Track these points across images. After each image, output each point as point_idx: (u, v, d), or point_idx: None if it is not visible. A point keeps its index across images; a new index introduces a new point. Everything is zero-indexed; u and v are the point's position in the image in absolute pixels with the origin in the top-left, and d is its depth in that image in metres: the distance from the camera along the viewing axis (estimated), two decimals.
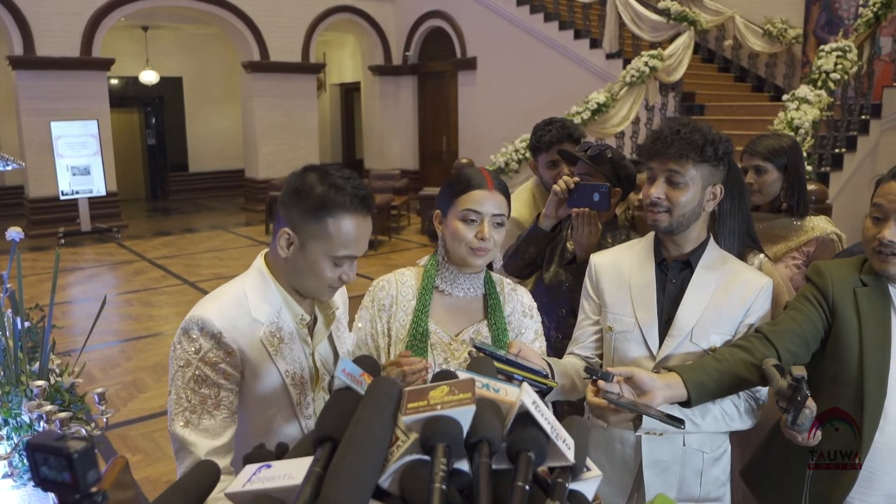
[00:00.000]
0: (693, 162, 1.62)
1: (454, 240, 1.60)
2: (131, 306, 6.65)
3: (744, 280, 1.70)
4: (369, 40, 12.82)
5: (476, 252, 1.59)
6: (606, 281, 1.82)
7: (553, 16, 9.57)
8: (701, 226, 1.72)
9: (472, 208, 1.58)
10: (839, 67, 5.67)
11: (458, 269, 1.66)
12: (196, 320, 1.40)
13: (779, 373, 1.42)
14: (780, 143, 2.38)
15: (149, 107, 14.32)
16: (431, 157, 12.60)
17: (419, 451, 0.69)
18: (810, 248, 2.37)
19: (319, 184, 1.38)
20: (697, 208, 1.66)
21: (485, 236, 1.57)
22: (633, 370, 1.48)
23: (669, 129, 1.65)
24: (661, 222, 1.67)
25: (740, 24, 8.81)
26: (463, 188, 1.60)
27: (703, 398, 1.53)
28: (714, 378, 1.53)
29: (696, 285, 1.69)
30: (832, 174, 5.99)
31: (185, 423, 1.36)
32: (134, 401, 4.44)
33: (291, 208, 1.40)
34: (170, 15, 11.67)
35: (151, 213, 12.80)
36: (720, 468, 1.76)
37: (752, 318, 1.69)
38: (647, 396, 1.46)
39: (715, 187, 1.68)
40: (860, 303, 1.66)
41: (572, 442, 0.77)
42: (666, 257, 1.75)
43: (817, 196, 4.11)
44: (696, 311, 1.68)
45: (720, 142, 1.63)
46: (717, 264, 1.72)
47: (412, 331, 1.62)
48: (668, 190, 1.64)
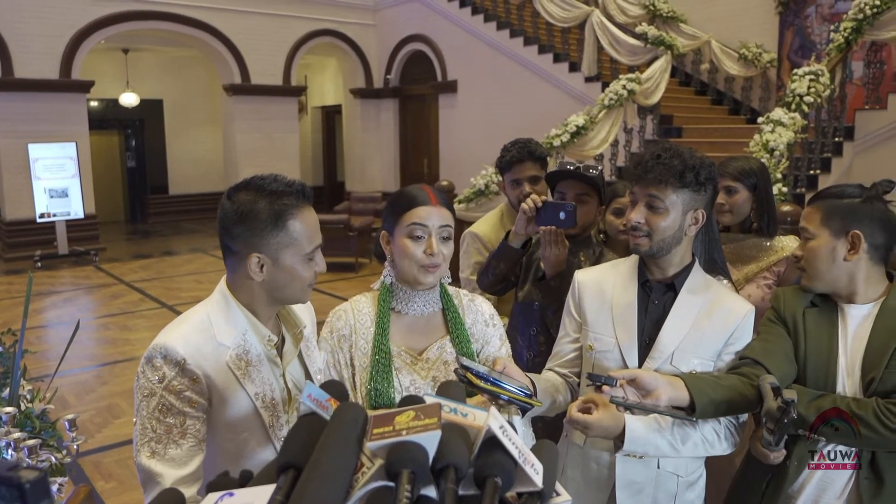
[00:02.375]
0: (673, 187, 1.62)
1: (403, 258, 1.60)
2: (108, 330, 6.56)
3: (727, 306, 1.70)
4: (351, 63, 12.89)
5: (428, 269, 1.59)
6: (589, 299, 1.82)
7: (533, 39, 9.68)
8: (684, 249, 1.72)
9: (418, 223, 1.57)
10: (812, 91, 5.77)
11: (410, 287, 1.66)
12: (159, 348, 1.37)
13: (773, 393, 1.44)
14: (749, 165, 2.42)
15: (129, 129, 14.26)
16: (412, 179, 12.62)
17: (384, 477, 0.68)
18: (780, 268, 2.40)
19: (259, 199, 1.38)
20: (678, 233, 1.66)
21: (433, 251, 1.57)
22: (635, 372, 1.51)
23: (650, 154, 1.66)
24: (641, 246, 1.68)
25: (716, 49, 8.96)
26: (407, 205, 1.59)
27: (707, 407, 1.53)
28: (717, 391, 1.54)
29: (679, 309, 1.70)
30: (807, 195, 6.07)
31: (150, 453, 1.34)
32: (108, 427, 4.36)
33: (245, 234, 1.39)
34: (150, 37, 11.67)
35: (130, 236, 12.70)
36: (695, 493, 1.75)
37: (736, 346, 1.70)
38: (651, 396, 1.47)
39: (697, 212, 1.67)
40: (807, 322, 1.73)
41: (541, 467, 0.76)
42: (650, 279, 1.76)
43: (793, 217, 4.16)
44: (678, 335, 1.68)
45: (702, 167, 1.63)
46: (700, 288, 1.73)
47: (375, 356, 1.61)
48: (648, 215, 1.65)
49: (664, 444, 1.61)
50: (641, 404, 1.45)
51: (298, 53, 12.09)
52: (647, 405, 1.45)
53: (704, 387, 1.53)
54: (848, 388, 1.65)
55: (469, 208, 6.84)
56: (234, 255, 1.43)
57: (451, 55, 11.13)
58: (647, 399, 1.47)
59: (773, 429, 1.44)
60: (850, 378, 1.65)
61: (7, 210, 9.70)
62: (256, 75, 11.56)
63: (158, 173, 14.38)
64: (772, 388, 1.45)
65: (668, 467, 1.71)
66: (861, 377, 1.63)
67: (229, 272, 1.47)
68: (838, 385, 1.65)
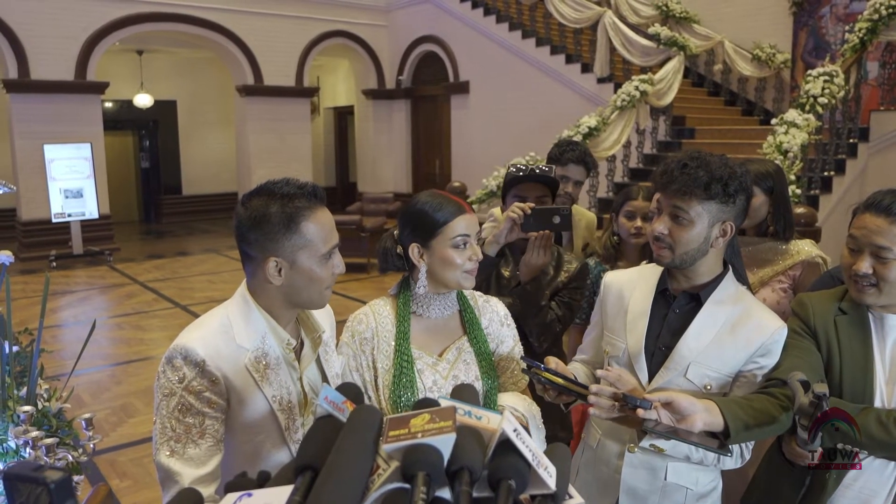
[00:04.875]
0: (698, 199, 1.55)
1: (447, 267, 1.64)
2: (122, 330, 6.62)
3: (755, 322, 1.62)
4: (363, 64, 12.92)
5: (470, 274, 1.66)
6: (610, 302, 1.81)
7: (544, 40, 9.68)
8: (713, 261, 1.65)
9: (463, 233, 1.64)
10: (826, 92, 5.74)
11: (434, 291, 1.70)
12: (179, 349, 1.39)
13: (803, 388, 1.40)
14: (766, 168, 2.40)
15: (143, 130, 14.36)
16: (424, 180, 12.64)
17: (400, 479, 0.69)
18: (796, 272, 2.39)
19: (271, 203, 1.40)
20: (703, 245, 1.59)
21: (478, 256, 1.66)
22: (672, 395, 1.42)
23: (677, 162, 1.59)
24: (663, 258, 1.64)
25: (729, 49, 8.92)
26: (445, 218, 1.63)
27: (740, 432, 1.44)
28: (749, 415, 1.47)
29: (701, 320, 1.64)
30: (821, 197, 6.03)
31: (170, 452, 1.36)
32: (123, 426, 4.40)
33: (260, 239, 1.40)
34: (164, 39, 11.76)
35: (144, 236, 12.78)
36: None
37: (760, 363, 1.61)
38: (686, 421, 1.39)
39: (725, 224, 1.60)
40: (840, 331, 1.67)
41: (554, 470, 0.76)
42: (669, 287, 1.71)
43: (806, 219, 4.15)
44: (697, 347, 1.62)
45: (731, 178, 1.55)
46: (729, 301, 1.65)
47: (397, 359, 1.64)
48: (671, 226, 1.59)
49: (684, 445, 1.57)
50: (674, 430, 1.39)
51: (311, 54, 12.14)
52: (679, 433, 1.39)
53: (738, 411, 1.46)
54: (887, 401, 1.61)
55: (481, 209, 6.85)
56: (252, 260, 1.45)
57: (463, 56, 11.14)
58: (682, 423, 1.39)
59: (807, 425, 1.40)
60: (890, 390, 1.61)
61: (23, 210, 9.79)
62: (269, 76, 11.62)
63: (172, 174, 14.48)
64: (801, 383, 1.41)
65: (676, 479, 1.66)
66: None
67: (249, 277, 1.49)
68: (876, 396, 1.61)
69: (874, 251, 1.58)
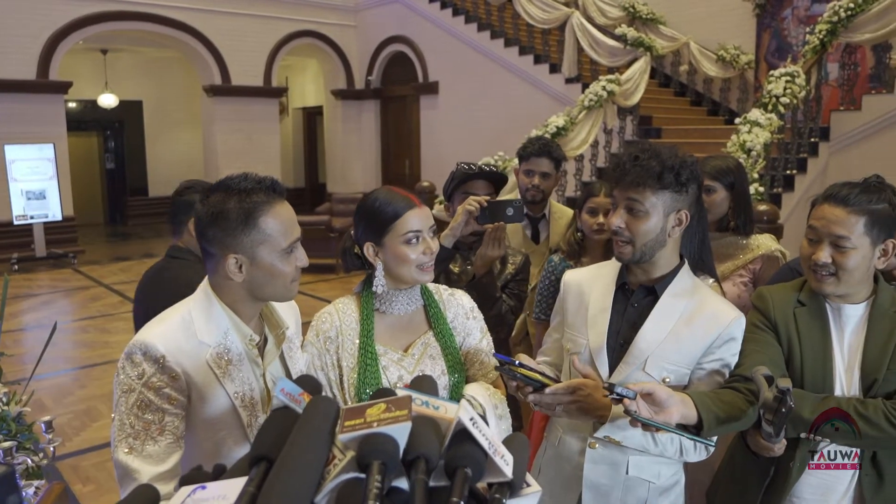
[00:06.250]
0: (652, 189, 1.57)
1: (401, 264, 1.63)
2: (87, 333, 6.50)
3: (710, 313, 1.64)
4: (332, 65, 12.85)
5: (425, 269, 1.65)
6: (570, 300, 1.81)
7: (513, 41, 9.72)
8: (670, 252, 1.66)
9: (414, 229, 1.62)
10: (788, 92, 5.84)
11: (393, 287, 1.69)
12: (139, 345, 1.38)
13: (767, 383, 1.42)
14: (727, 164, 2.45)
15: (108, 130, 14.14)
16: (394, 180, 12.62)
17: (356, 469, 0.69)
18: (756, 266, 2.44)
19: (229, 199, 1.39)
20: (661, 236, 1.61)
21: (433, 250, 1.65)
22: (653, 386, 1.44)
23: (628, 155, 1.61)
24: (625, 255, 1.64)
25: (695, 50, 9.04)
26: (394, 215, 1.63)
27: (712, 424, 1.47)
28: (719, 407, 1.50)
29: (658, 313, 1.65)
30: (784, 195, 6.14)
31: (128, 449, 1.34)
32: (87, 430, 4.32)
33: (219, 235, 1.39)
34: (129, 38, 11.58)
35: (110, 238, 12.58)
36: (669, 499, 1.72)
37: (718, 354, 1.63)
38: (664, 413, 1.42)
39: (680, 213, 1.62)
40: (799, 322, 1.70)
41: (511, 458, 0.77)
42: (628, 282, 1.72)
43: (769, 216, 4.22)
44: (655, 340, 1.63)
45: (682, 167, 1.57)
46: (685, 293, 1.66)
47: (361, 356, 1.64)
48: (628, 219, 1.61)
49: (639, 436, 1.60)
50: (655, 421, 1.41)
51: (279, 54, 12.04)
52: (657, 422, 1.41)
53: (710, 405, 1.49)
54: (846, 389, 1.64)
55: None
56: (212, 257, 1.43)
57: (433, 56, 11.14)
58: (659, 416, 1.42)
59: (772, 419, 1.42)
60: (849, 379, 1.64)
61: None
62: (237, 76, 11.50)
63: (138, 175, 14.25)
64: (765, 378, 1.43)
65: (638, 473, 1.68)
66: (861, 378, 1.63)
67: (210, 274, 1.47)
68: (836, 385, 1.64)
69: (833, 241, 1.61)
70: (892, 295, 1.68)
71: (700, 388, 1.62)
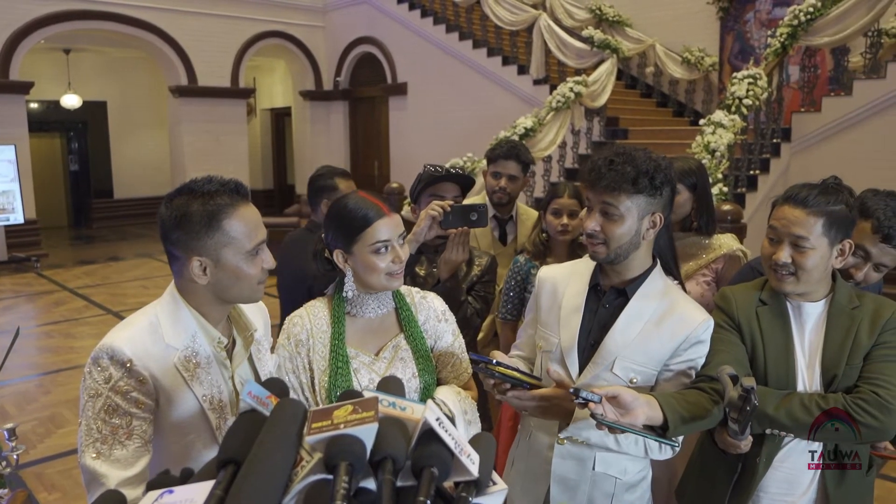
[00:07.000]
0: (627, 194, 1.57)
1: (370, 272, 1.64)
2: (51, 338, 6.38)
3: (679, 315, 1.65)
4: (300, 65, 12.78)
5: (395, 276, 1.65)
6: (544, 297, 1.82)
7: (481, 42, 9.76)
8: (643, 254, 1.68)
9: (382, 239, 1.62)
10: (751, 94, 5.96)
11: (364, 291, 1.69)
12: (106, 349, 1.37)
13: (732, 382, 1.45)
14: (689, 165, 2.49)
15: (71, 131, 13.86)
16: (363, 181, 12.55)
17: (323, 470, 0.70)
18: (718, 265, 2.48)
19: (192, 202, 1.39)
20: (635, 238, 1.62)
21: (401, 259, 1.64)
22: (618, 389, 1.46)
23: (603, 159, 1.60)
24: (599, 255, 1.65)
25: (660, 53, 9.16)
26: (363, 223, 1.62)
27: (678, 425, 1.50)
28: (685, 408, 1.53)
29: (627, 314, 1.66)
30: (747, 195, 6.26)
31: (95, 454, 1.33)
32: (51, 437, 4.25)
33: (183, 238, 1.39)
34: (93, 38, 11.38)
35: (74, 242, 12.35)
36: (635, 495, 1.74)
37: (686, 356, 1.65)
38: (630, 415, 1.44)
39: (654, 216, 1.62)
40: (762, 321, 1.74)
41: (477, 457, 0.78)
42: (601, 282, 1.73)
43: (733, 216, 4.30)
44: (624, 341, 1.65)
45: (657, 171, 1.58)
46: (656, 295, 1.68)
47: (333, 359, 1.64)
48: (603, 222, 1.61)
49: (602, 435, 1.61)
50: (618, 422, 1.43)
51: (247, 55, 11.94)
52: (623, 424, 1.43)
53: (675, 405, 1.51)
54: (808, 385, 1.68)
55: None
56: (177, 260, 1.43)
57: (401, 58, 11.14)
58: (625, 418, 1.44)
59: (737, 418, 1.45)
60: (810, 375, 1.69)
61: None
62: (203, 77, 11.37)
63: (103, 177, 14.00)
64: (730, 377, 1.46)
65: (606, 468, 1.70)
66: (821, 374, 1.67)
67: (176, 277, 1.47)
68: (798, 382, 1.68)
69: (793, 241, 1.66)
70: (849, 293, 1.73)
71: (667, 388, 1.64)
